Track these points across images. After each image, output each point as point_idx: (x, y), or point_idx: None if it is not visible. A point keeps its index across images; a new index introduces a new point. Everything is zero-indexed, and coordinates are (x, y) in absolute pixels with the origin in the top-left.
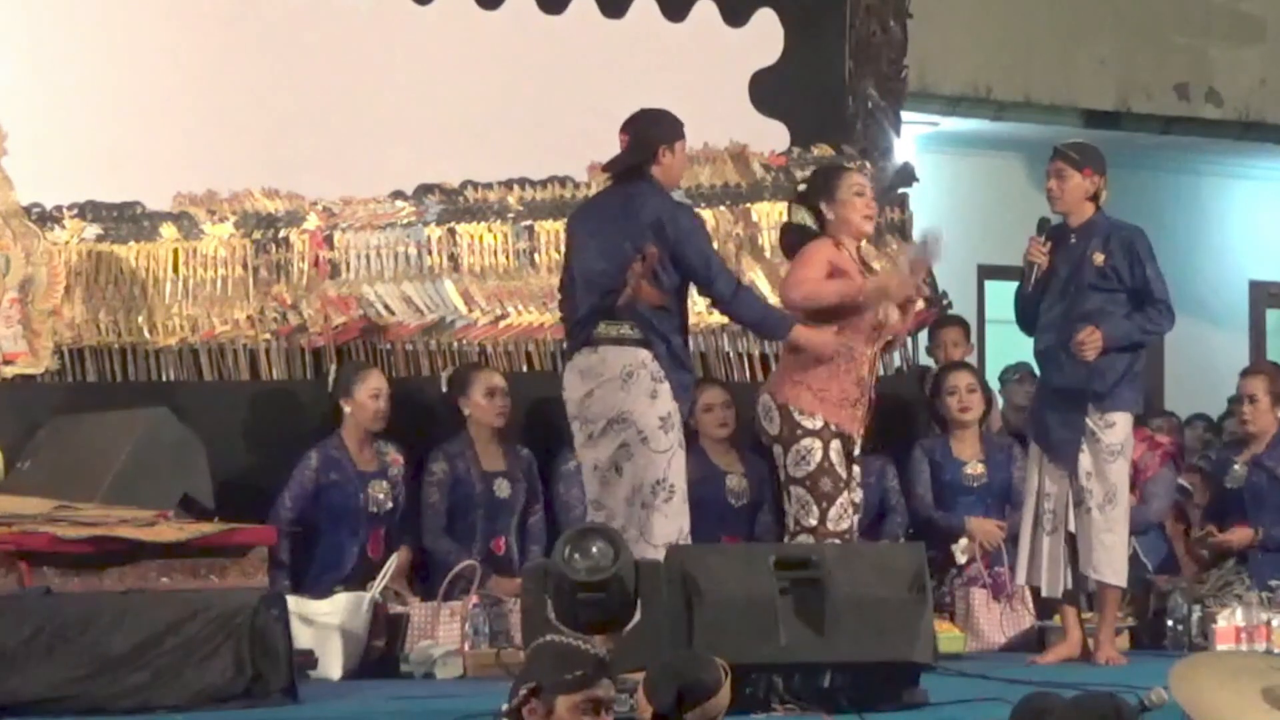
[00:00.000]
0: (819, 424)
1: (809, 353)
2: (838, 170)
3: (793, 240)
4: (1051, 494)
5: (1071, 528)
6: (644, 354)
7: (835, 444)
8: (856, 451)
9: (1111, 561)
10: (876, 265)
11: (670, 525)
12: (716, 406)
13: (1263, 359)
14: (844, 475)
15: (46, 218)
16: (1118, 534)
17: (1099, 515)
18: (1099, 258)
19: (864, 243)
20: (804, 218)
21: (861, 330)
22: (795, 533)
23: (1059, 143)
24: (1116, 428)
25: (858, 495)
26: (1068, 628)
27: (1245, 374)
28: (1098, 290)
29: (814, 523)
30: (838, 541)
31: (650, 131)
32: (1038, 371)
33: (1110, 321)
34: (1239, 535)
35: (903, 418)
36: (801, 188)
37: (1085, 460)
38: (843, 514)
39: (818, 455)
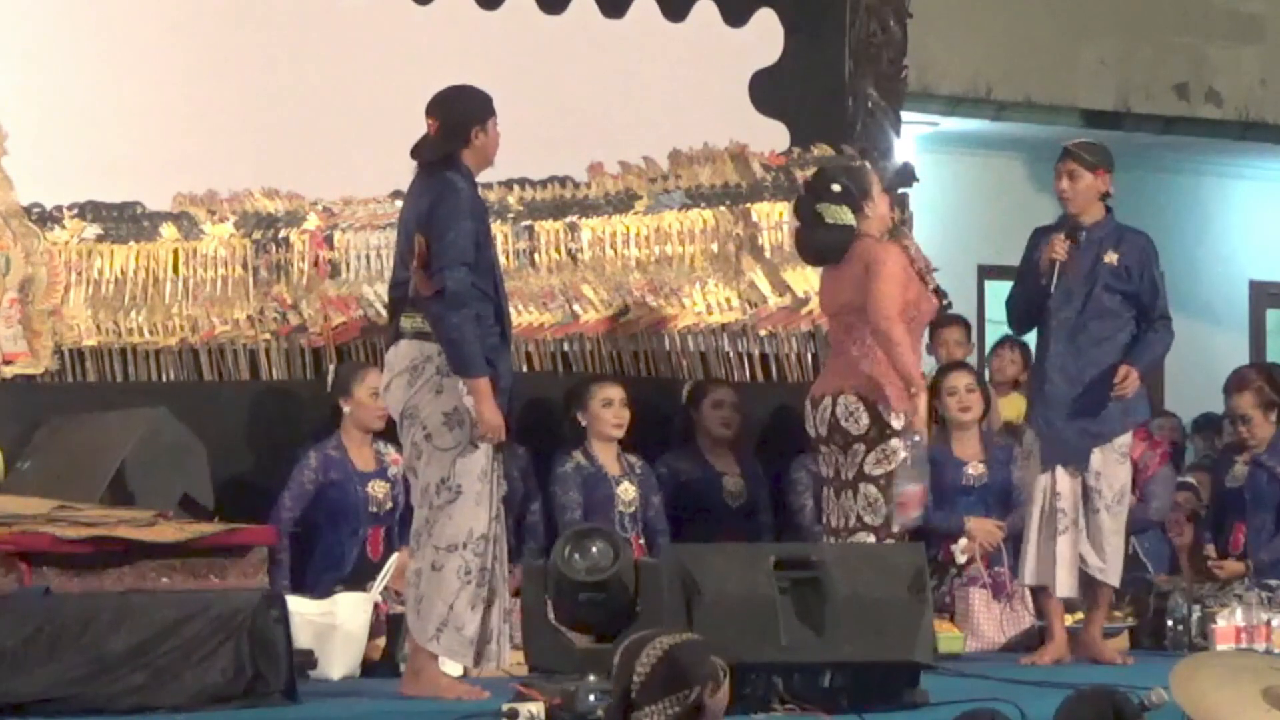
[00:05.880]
0: (903, 424)
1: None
2: (864, 169)
3: (836, 240)
4: (1063, 493)
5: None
6: (431, 347)
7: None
8: None
9: (1114, 563)
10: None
11: (454, 526)
12: (726, 405)
13: (1242, 366)
14: None
15: (46, 218)
16: (1121, 535)
17: (1107, 516)
18: (1112, 257)
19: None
20: (849, 217)
21: (917, 334)
22: (854, 530)
23: (1067, 142)
24: (1127, 432)
25: None
26: (1054, 628)
27: (1230, 392)
28: (1112, 291)
29: (879, 522)
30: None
31: (459, 113)
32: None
33: (1137, 354)
34: (1230, 569)
35: None
36: (835, 188)
37: (1096, 459)
38: None
39: (900, 456)
